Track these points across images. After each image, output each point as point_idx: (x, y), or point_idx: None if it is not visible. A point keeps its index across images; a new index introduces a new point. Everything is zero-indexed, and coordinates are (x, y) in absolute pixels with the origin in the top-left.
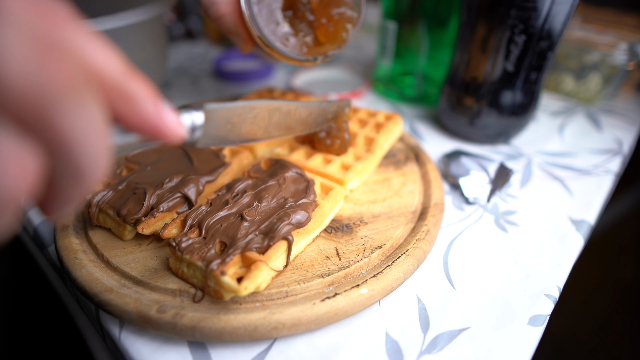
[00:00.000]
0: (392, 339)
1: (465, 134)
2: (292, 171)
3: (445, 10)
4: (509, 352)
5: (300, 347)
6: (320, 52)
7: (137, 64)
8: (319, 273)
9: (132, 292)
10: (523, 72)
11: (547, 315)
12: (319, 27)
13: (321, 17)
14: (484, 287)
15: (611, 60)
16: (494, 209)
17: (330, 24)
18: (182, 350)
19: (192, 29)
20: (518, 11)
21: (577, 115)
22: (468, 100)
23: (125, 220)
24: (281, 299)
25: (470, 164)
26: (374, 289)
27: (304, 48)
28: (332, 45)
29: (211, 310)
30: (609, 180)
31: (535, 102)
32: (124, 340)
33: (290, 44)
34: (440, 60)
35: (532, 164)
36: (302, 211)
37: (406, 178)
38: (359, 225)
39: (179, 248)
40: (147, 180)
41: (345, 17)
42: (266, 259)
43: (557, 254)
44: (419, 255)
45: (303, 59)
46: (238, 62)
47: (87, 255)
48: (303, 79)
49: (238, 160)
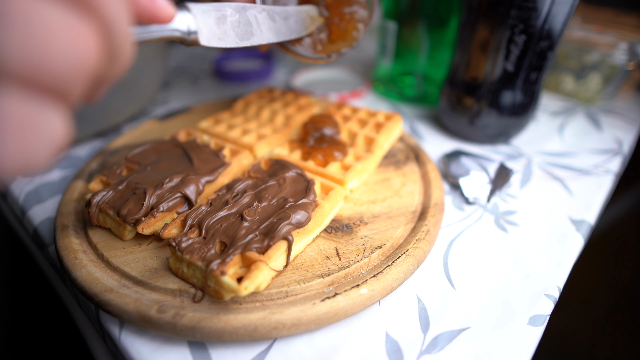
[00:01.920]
0: (392, 339)
1: (465, 134)
2: (292, 171)
3: (445, 10)
4: (509, 352)
5: (300, 347)
6: (332, 50)
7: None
8: (319, 273)
9: (132, 292)
10: (523, 72)
11: (547, 315)
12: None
13: (335, 14)
14: (484, 287)
15: (611, 60)
16: (494, 209)
17: (343, 22)
18: (182, 351)
19: None
20: (518, 11)
21: (577, 115)
22: (468, 100)
23: (125, 220)
24: (281, 299)
25: (470, 164)
26: (374, 289)
27: (319, 46)
28: (344, 43)
29: (211, 310)
30: (609, 180)
31: (535, 102)
32: (124, 341)
33: (305, 43)
34: (440, 60)
35: (532, 164)
36: (302, 211)
37: (406, 178)
38: (359, 225)
39: (179, 248)
40: (147, 180)
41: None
42: (266, 259)
43: (557, 254)
44: (419, 255)
45: (317, 57)
46: (238, 62)
47: (87, 255)
48: (303, 79)
49: (238, 160)
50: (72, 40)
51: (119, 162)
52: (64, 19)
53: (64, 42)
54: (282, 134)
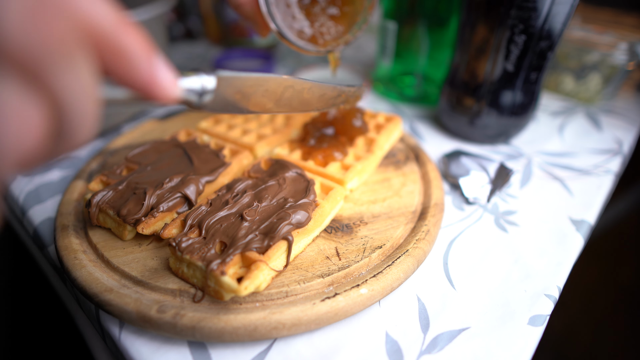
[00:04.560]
0: (392, 339)
1: (465, 134)
2: (292, 171)
3: (445, 10)
4: (509, 352)
5: (300, 347)
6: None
7: None
8: (319, 273)
9: (132, 292)
10: (523, 72)
11: (547, 315)
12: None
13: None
14: (484, 287)
15: (611, 60)
16: (494, 209)
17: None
18: (182, 350)
19: (192, 29)
20: (518, 11)
21: (577, 115)
22: (468, 100)
23: (125, 220)
24: (281, 299)
25: (470, 164)
26: (374, 289)
27: (320, 39)
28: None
29: (211, 310)
30: (609, 180)
31: (535, 102)
32: (124, 340)
33: (306, 36)
34: (440, 60)
35: (532, 164)
36: (302, 211)
37: (406, 178)
38: (359, 225)
39: (179, 248)
40: (147, 180)
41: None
42: (266, 259)
43: (557, 254)
44: (419, 255)
45: (317, 50)
46: (238, 61)
47: (87, 255)
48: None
49: (238, 160)
50: (11, 118)
51: (119, 162)
52: (8, 94)
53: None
54: (282, 134)
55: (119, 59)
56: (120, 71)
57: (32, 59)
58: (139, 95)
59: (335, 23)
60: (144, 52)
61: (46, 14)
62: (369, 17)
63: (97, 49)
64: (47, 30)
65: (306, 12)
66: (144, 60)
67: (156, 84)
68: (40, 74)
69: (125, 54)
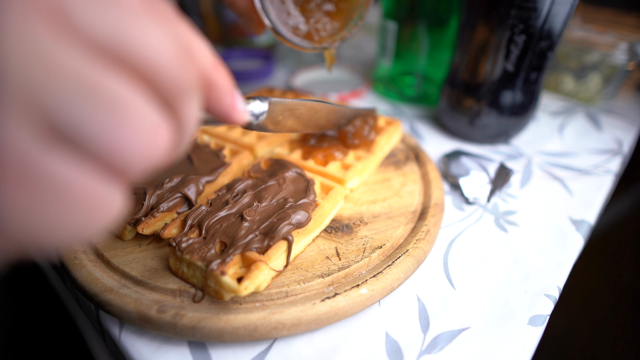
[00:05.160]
0: (392, 339)
1: (465, 134)
2: (292, 171)
3: (445, 11)
4: (509, 352)
5: (300, 347)
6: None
7: None
8: (319, 273)
9: (132, 292)
10: (523, 72)
11: (547, 315)
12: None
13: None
14: (484, 287)
15: (611, 60)
16: (494, 209)
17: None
18: (182, 351)
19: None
20: (518, 11)
21: (577, 115)
22: (468, 101)
23: (125, 220)
24: (281, 299)
25: (470, 164)
26: (374, 289)
27: (315, 36)
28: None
29: (211, 310)
30: (609, 180)
31: (535, 102)
32: (124, 341)
33: (301, 32)
34: (440, 60)
35: (532, 164)
36: (302, 211)
37: (406, 178)
38: (359, 225)
39: (179, 248)
40: (147, 180)
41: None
42: (266, 259)
43: (557, 254)
44: (419, 255)
45: (312, 47)
46: (238, 62)
47: (87, 255)
48: (303, 79)
49: (238, 160)
50: (153, 135)
51: None
52: (152, 115)
53: (146, 134)
54: (282, 134)
55: (211, 92)
56: (211, 101)
57: (176, 92)
58: (217, 119)
59: (331, 19)
60: (230, 87)
61: (186, 57)
62: (365, 14)
63: (202, 85)
64: (187, 72)
65: (301, 8)
66: (230, 94)
67: (236, 111)
68: (177, 103)
69: (217, 88)
